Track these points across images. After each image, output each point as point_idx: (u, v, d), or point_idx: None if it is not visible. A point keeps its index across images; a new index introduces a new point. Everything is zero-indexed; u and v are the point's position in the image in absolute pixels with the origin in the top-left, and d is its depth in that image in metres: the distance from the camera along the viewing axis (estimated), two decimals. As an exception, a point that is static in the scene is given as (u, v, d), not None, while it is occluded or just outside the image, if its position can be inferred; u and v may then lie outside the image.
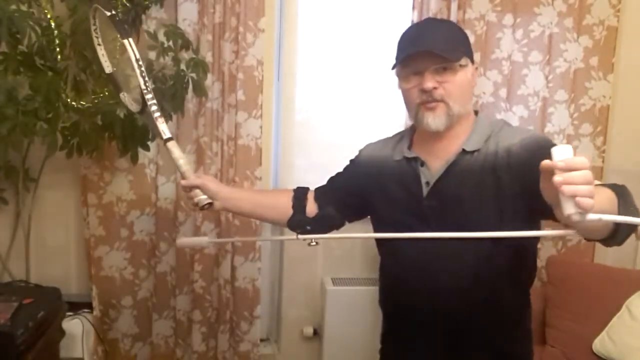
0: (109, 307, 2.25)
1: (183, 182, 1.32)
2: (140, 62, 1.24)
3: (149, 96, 1.25)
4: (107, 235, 2.21)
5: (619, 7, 2.32)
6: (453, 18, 2.20)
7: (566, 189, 0.80)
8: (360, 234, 1.37)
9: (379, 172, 1.36)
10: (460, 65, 1.22)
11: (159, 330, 2.28)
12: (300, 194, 1.46)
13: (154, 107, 1.26)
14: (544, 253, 2.41)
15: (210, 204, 1.32)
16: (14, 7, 1.66)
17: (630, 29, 2.35)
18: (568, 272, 2.24)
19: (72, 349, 2.04)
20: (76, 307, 2.11)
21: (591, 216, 0.81)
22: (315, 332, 2.46)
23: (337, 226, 1.41)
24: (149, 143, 2.01)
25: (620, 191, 0.99)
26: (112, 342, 2.27)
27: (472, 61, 1.28)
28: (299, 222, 1.36)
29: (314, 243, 1.26)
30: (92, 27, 1.43)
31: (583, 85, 2.35)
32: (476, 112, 1.34)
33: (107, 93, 1.84)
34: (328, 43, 2.38)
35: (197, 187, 1.32)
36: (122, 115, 1.87)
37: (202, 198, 1.31)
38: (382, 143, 1.43)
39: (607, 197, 0.95)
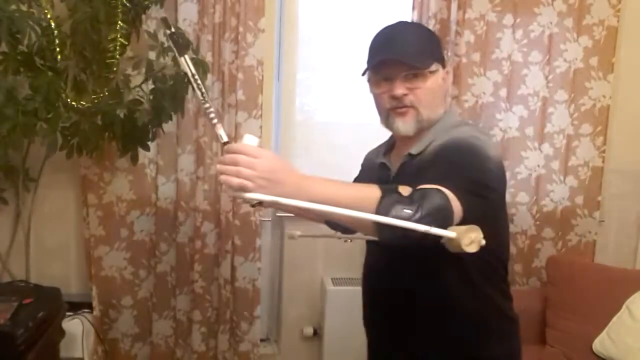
0: (109, 307, 2.25)
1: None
2: (197, 77, 1.35)
3: (206, 105, 1.37)
4: (107, 235, 2.21)
5: (619, 7, 2.32)
6: (453, 18, 2.21)
7: (218, 167, 0.91)
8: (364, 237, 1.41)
9: (368, 176, 1.39)
10: (430, 72, 1.22)
11: (159, 330, 2.28)
12: None
13: (212, 115, 1.38)
14: (544, 253, 2.41)
15: (260, 202, 1.38)
16: (14, 7, 1.66)
17: (630, 29, 2.35)
18: (568, 272, 2.24)
19: (72, 349, 2.04)
20: (76, 307, 2.11)
21: (250, 195, 0.90)
22: (315, 332, 2.46)
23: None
24: (149, 143, 2.02)
25: (411, 194, 0.96)
26: (112, 342, 2.27)
27: (444, 66, 1.27)
28: (332, 222, 1.44)
29: (349, 241, 1.37)
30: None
31: (583, 85, 2.35)
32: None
33: (107, 93, 1.84)
34: (328, 43, 2.38)
35: None
36: (122, 115, 1.87)
37: None
38: (377, 147, 1.46)
39: (347, 192, 0.97)
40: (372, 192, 0.97)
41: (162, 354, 2.29)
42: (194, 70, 1.34)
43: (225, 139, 1.40)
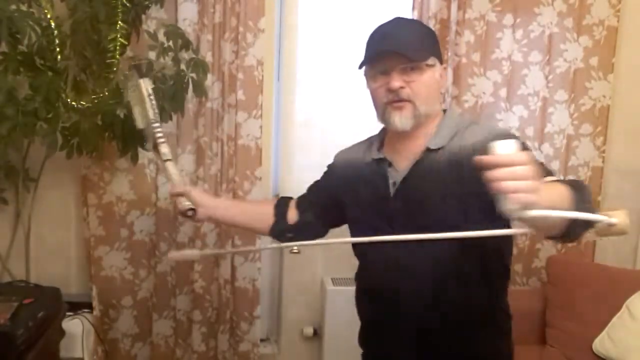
0: (109, 307, 2.25)
1: (169, 190, 1.43)
2: (152, 97, 1.47)
3: (156, 124, 1.48)
4: (107, 235, 2.21)
5: (619, 7, 2.32)
6: (453, 18, 2.21)
7: (504, 184, 0.79)
8: (337, 240, 1.39)
9: (350, 175, 1.36)
10: (427, 65, 1.22)
11: (159, 330, 2.28)
12: (282, 202, 1.48)
13: (160, 134, 1.48)
14: (544, 253, 2.41)
15: (193, 209, 1.37)
16: (14, 7, 1.66)
17: (630, 29, 2.35)
18: (568, 272, 2.24)
19: (72, 349, 2.04)
20: (76, 307, 2.11)
21: (534, 212, 0.79)
22: (315, 332, 2.46)
23: (319, 233, 1.45)
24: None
25: (576, 186, 0.97)
26: (112, 342, 2.27)
27: (441, 61, 1.28)
28: (280, 230, 1.43)
29: (296, 250, 1.31)
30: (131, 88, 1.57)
31: (583, 85, 2.35)
32: (445, 111, 1.33)
33: (107, 93, 1.84)
34: (328, 43, 2.38)
35: (181, 194, 1.38)
36: (122, 115, 1.87)
37: (185, 204, 1.37)
38: (355, 147, 1.43)
39: (559, 193, 0.94)
40: (563, 187, 0.95)
41: (162, 354, 2.29)
42: (150, 91, 1.46)
43: (169, 156, 1.44)
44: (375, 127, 1.37)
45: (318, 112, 2.43)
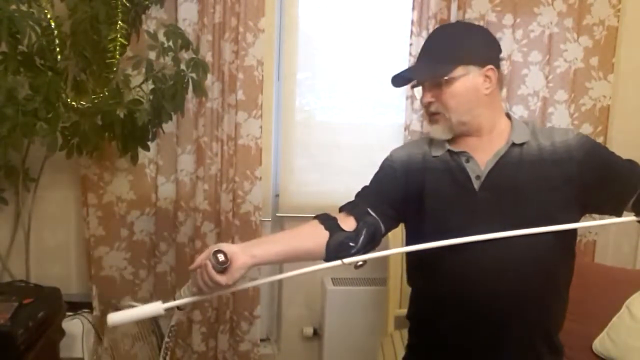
0: (109, 307, 2.24)
1: (195, 264, 1.23)
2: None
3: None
4: (107, 235, 2.21)
5: (619, 7, 2.32)
6: (453, 18, 2.21)
7: None
8: (417, 246, 1.22)
9: (421, 168, 1.31)
10: (453, 78, 1.23)
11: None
12: (325, 216, 1.30)
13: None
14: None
15: (223, 253, 1.15)
16: (14, 7, 1.66)
17: (630, 29, 2.35)
18: (568, 272, 2.24)
19: (72, 349, 2.04)
20: (76, 307, 2.12)
21: None
22: (315, 332, 2.46)
23: (379, 240, 1.27)
24: (149, 143, 2.02)
25: None
26: (112, 342, 2.26)
27: (482, 65, 1.27)
28: (344, 240, 1.23)
29: (361, 263, 1.17)
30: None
31: (583, 85, 2.35)
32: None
33: (107, 93, 1.84)
34: (328, 43, 2.38)
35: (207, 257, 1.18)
36: (122, 115, 1.87)
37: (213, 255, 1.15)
38: (412, 144, 1.41)
39: None
40: None
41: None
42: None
43: (180, 295, 1.27)
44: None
45: (318, 112, 2.43)
